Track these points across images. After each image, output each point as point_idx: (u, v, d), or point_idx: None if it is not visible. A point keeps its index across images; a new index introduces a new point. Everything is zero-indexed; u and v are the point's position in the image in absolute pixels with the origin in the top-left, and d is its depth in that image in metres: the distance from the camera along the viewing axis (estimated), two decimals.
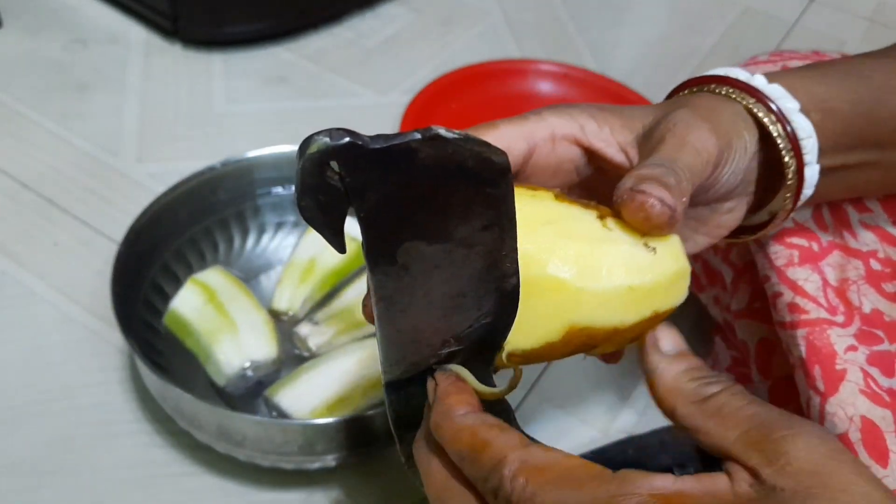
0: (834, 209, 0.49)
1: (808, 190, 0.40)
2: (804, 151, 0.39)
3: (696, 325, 0.64)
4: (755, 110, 0.39)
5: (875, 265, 0.46)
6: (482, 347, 0.34)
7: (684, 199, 0.34)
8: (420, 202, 0.29)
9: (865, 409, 0.41)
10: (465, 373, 0.34)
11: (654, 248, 0.34)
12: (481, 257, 0.31)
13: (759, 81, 0.40)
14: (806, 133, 0.39)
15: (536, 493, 0.27)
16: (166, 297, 0.59)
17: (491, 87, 0.84)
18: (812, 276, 0.46)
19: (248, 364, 0.55)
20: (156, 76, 0.82)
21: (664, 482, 0.27)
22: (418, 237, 0.30)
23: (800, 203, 0.41)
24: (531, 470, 0.28)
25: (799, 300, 0.45)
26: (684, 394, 0.31)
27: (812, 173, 0.40)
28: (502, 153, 0.29)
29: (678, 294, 0.36)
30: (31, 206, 0.69)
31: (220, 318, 0.56)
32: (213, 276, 0.59)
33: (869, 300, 0.45)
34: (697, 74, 0.42)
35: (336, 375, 0.54)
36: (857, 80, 0.41)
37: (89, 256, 0.65)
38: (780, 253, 0.47)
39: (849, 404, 0.41)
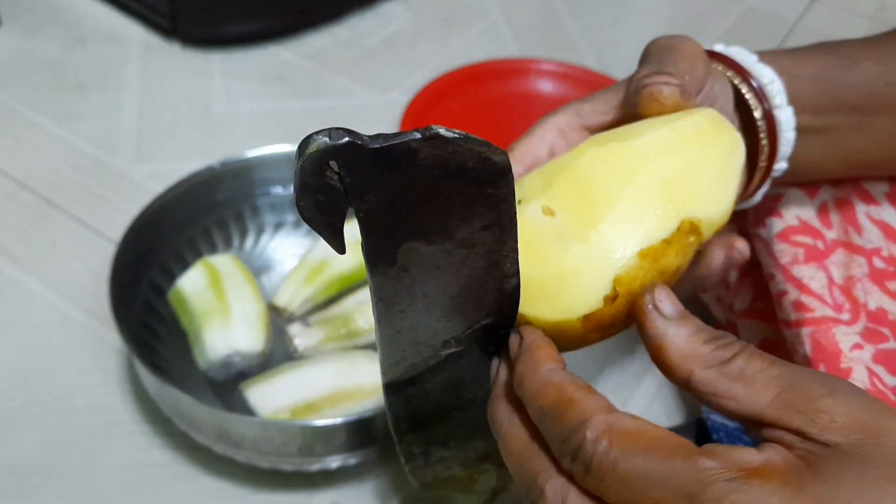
0: (840, 203, 0.49)
1: (788, 133, 0.41)
2: (771, 95, 0.41)
3: None
4: (715, 66, 0.42)
5: (879, 263, 0.46)
6: (482, 348, 0.34)
7: (687, 78, 0.37)
8: (420, 202, 0.28)
9: None
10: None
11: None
12: (481, 258, 0.31)
13: (717, 47, 0.43)
14: (767, 78, 0.41)
15: (619, 460, 0.26)
16: (165, 298, 0.59)
17: (491, 86, 0.83)
18: (818, 274, 0.46)
19: (232, 352, 0.55)
20: (154, 76, 0.82)
21: (751, 455, 0.26)
22: (418, 237, 0.29)
23: (785, 150, 0.42)
24: (616, 434, 0.27)
25: (804, 298, 0.45)
26: (702, 358, 0.29)
27: (786, 116, 0.41)
28: (503, 153, 0.29)
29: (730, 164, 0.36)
30: (29, 206, 0.68)
31: (218, 302, 0.56)
32: (223, 261, 0.59)
33: (874, 298, 0.45)
34: None
35: (308, 381, 0.53)
36: (822, 54, 0.43)
37: (87, 256, 0.65)
38: (785, 251, 0.47)
39: None
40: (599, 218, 0.33)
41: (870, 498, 0.24)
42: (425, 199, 0.28)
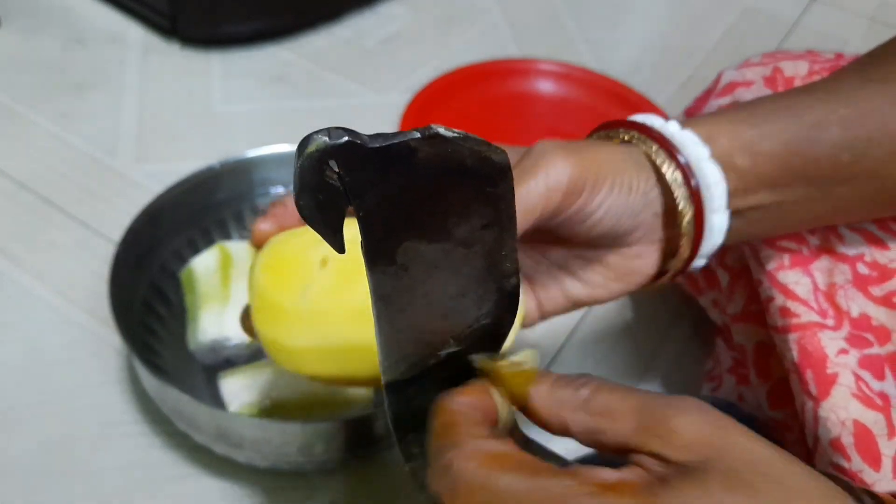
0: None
1: (716, 237, 0.40)
2: (706, 200, 0.39)
3: (697, 326, 0.64)
4: (654, 157, 0.39)
5: (862, 269, 0.46)
6: (482, 348, 0.34)
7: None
8: (419, 201, 0.28)
9: (858, 413, 0.41)
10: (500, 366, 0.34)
11: None
12: (481, 257, 0.31)
13: (671, 128, 0.40)
14: (713, 179, 0.39)
15: (487, 478, 0.28)
16: (165, 298, 0.59)
17: (491, 86, 0.83)
18: (803, 280, 0.46)
19: (221, 338, 0.55)
20: (154, 76, 0.82)
21: (607, 473, 0.28)
22: (417, 237, 0.29)
23: (706, 250, 0.40)
24: (483, 456, 0.28)
25: (790, 304, 0.45)
26: (567, 403, 0.31)
27: (719, 220, 0.40)
28: (502, 152, 0.29)
29: None
30: (29, 206, 0.68)
31: (221, 287, 0.57)
32: (239, 248, 0.60)
33: (857, 304, 0.45)
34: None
35: (283, 381, 0.53)
36: (788, 120, 0.41)
37: (87, 257, 0.65)
38: (771, 256, 0.47)
39: (841, 408, 0.41)
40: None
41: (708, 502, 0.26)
42: (425, 198, 0.28)
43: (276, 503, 0.52)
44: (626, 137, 0.40)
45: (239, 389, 0.53)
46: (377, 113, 0.80)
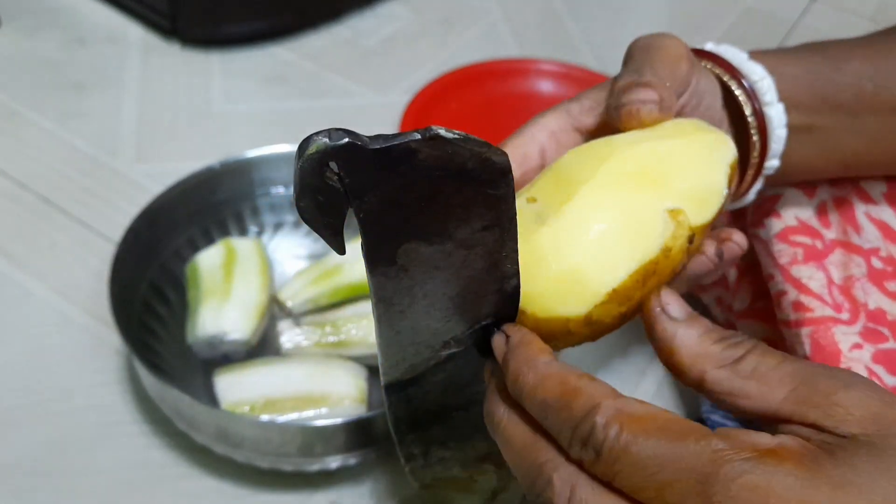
0: (839, 203, 0.48)
1: (779, 130, 0.42)
2: (761, 92, 0.41)
3: None
4: (705, 63, 0.42)
5: (877, 263, 0.46)
6: (482, 349, 0.34)
7: (668, 84, 0.37)
8: (420, 203, 0.28)
9: None
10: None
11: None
12: (481, 258, 0.31)
13: (708, 46, 0.43)
14: (758, 75, 0.41)
15: (630, 444, 0.26)
16: (165, 298, 0.59)
17: (491, 86, 0.83)
18: (816, 274, 0.46)
19: (219, 333, 0.55)
20: (154, 76, 0.82)
21: (764, 438, 0.26)
22: (418, 238, 0.29)
23: (777, 147, 0.42)
24: (627, 419, 0.26)
25: (804, 298, 0.45)
26: (713, 357, 0.29)
27: (776, 113, 0.41)
28: (503, 153, 0.29)
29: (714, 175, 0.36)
30: (29, 206, 0.68)
31: (223, 282, 0.57)
32: (245, 246, 0.60)
33: (872, 298, 0.45)
34: None
35: (277, 379, 0.53)
36: (811, 52, 0.43)
37: (87, 257, 0.65)
38: (784, 251, 0.47)
39: None
40: (571, 194, 0.34)
41: (884, 483, 0.24)
42: (425, 199, 0.28)
43: (276, 503, 0.52)
44: None
45: (233, 386, 0.53)
46: (377, 113, 0.80)
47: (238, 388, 0.53)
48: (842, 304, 0.45)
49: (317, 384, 0.53)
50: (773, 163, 0.43)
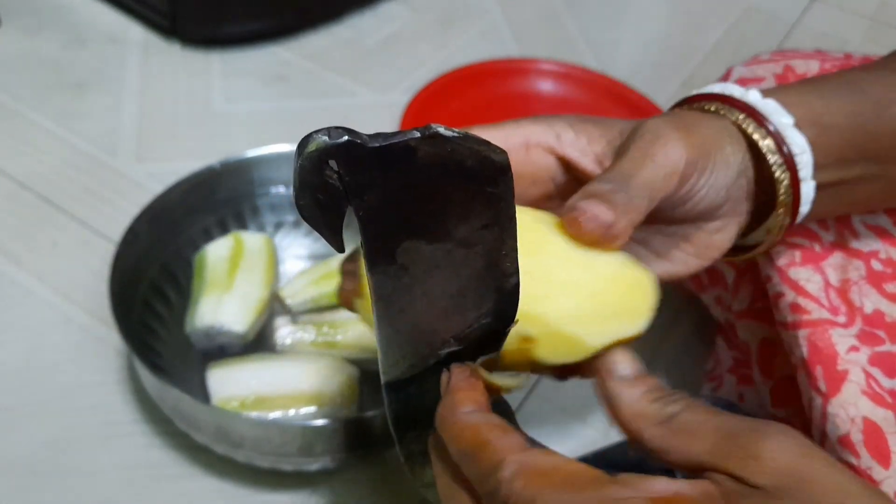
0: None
1: (804, 207, 0.40)
2: (799, 167, 0.38)
3: (698, 325, 0.64)
4: (744, 125, 0.39)
5: (876, 265, 0.46)
6: (482, 347, 0.34)
7: (632, 216, 0.35)
8: (419, 201, 0.28)
9: (868, 410, 0.41)
10: (480, 369, 0.34)
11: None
12: (481, 257, 0.31)
13: (752, 97, 0.39)
14: (800, 148, 0.38)
15: (535, 498, 0.27)
16: (165, 298, 0.59)
17: (491, 86, 0.83)
18: (814, 277, 0.46)
19: (217, 325, 0.55)
20: (154, 75, 0.82)
21: (662, 485, 0.27)
22: (417, 236, 0.29)
23: (797, 221, 0.40)
24: (530, 473, 0.27)
25: (801, 300, 0.45)
26: (649, 416, 0.30)
27: (808, 189, 0.39)
28: (502, 152, 0.29)
29: (629, 320, 0.35)
30: (29, 206, 0.68)
31: (226, 275, 0.58)
32: (254, 241, 0.60)
33: (870, 301, 0.45)
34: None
35: (268, 376, 0.53)
36: (855, 94, 0.40)
37: (88, 257, 0.65)
38: (782, 252, 0.47)
39: (851, 405, 0.41)
40: None
41: None
42: (425, 198, 0.28)
43: (276, 503, 0.52)
44: (712, 108, 0.40)
45: (224, 381, 0.53)
46: (377, 113, 0.80)
47: (230, 383, 0.53)
48: (839, 307, 0.45)
49: (308, 383, 0.53)
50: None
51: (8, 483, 0.51)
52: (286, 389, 0.53)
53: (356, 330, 0.57)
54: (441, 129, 0.27)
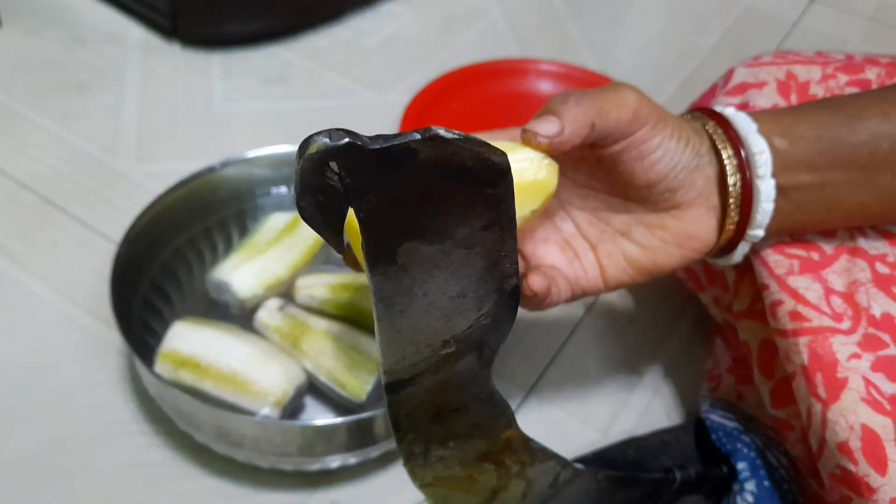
0: None
1: (766, 204, 0.43)
2: (756, 165, 0.42)
3: (697, 325, 0.64)
4: (707, 126, 0.44)
5: (883, 269, 0.46)
6: (482, 349, 0.34)
7: (576, 126, 0.40)
8: (420, 203, 0.29)
9: (866, 418, 0.41)
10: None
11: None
12: (481, 258, 0.31)
13: (728, 111, 0.45)
14: (759, 148, 0.42)
15: None
16: (166, 298, 0.59)
17: (491, 87, 0.83)
18: (813, 286, 0.46)
19: (225, 283, 0.57)
20: (155, 76, 0.82)
21: None
22: (418, 238, 0.29)
23: (762, 217, 0.43)
24: None
25: (801, 308, 0.45)
26: None
27: (767, 187, 0.42)
28: (502, 153, 0.29)
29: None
30: (30, 206, 0.68)
31: (266, 244, 0.60)
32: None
33: (879, 304, 0.45)
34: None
35: (220, 346, 0.54)
36: (826, 111, 0.44)
37: (88, 257, 0.65)
38: (779, 262, 0.47)
39: (850, 412, 0.41)
40: None
41: None
42: (425, 199, 0.29)
43: (276, 503, 0.52)
44: (686, 117, 0.46)
45: (178, 336, 0.54)
46: (377, 113, 0.80)
47: (181, 338, 0.54)
48: (843, 312, 0.45)
49: (248, 369, 0.52)
50: (756, 232, 0.44)
51: (8, 483, 0.52)
52: (224, 366, 0.52)
53: (325, 345, 0.56)
54: (441, 131, 0.27)
